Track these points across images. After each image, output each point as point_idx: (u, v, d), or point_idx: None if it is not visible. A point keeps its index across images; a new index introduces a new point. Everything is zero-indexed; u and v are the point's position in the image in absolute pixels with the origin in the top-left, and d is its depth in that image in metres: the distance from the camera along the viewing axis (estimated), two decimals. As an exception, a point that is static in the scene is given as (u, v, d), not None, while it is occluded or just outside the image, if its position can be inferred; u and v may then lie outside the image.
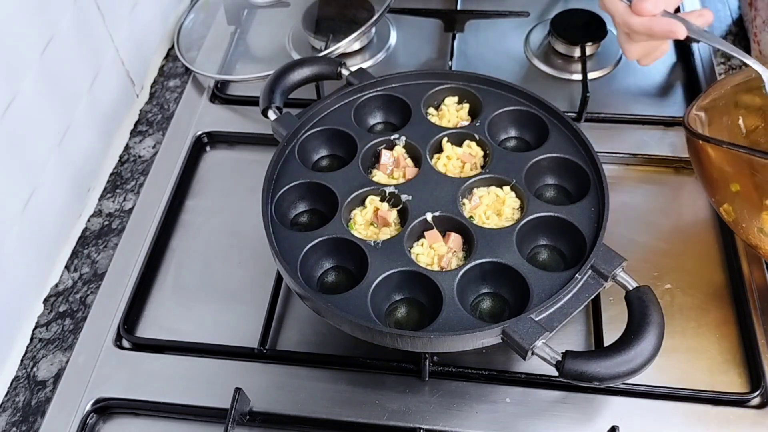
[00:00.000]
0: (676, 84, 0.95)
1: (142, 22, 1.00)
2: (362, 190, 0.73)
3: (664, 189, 0.85)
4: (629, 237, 0.80)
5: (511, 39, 1.03)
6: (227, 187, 0.89)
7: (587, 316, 0.74)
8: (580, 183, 0.73)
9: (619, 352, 0.58)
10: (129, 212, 0.87)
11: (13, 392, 0.73)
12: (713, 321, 0.73)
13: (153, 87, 1.03)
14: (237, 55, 1.04)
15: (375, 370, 0.71)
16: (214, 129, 0.94)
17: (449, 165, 0.76)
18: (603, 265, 0.64)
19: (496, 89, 0.81)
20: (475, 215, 0.71)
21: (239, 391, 0.66)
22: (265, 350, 0.72)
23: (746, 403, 0.67)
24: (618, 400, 0.68)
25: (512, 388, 0.69)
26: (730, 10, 1.07)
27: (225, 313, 0.76)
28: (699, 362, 0.70)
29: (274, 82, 0.82)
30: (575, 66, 0.97)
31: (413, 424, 0.67)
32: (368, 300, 0.64)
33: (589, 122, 0.90)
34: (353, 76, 0.83)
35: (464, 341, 0.61)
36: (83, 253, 0.84)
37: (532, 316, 0.61)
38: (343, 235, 0.69)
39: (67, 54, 0.83)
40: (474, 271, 0.67)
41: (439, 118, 0.81)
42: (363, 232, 0.71)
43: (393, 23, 1.06)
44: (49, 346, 0.76)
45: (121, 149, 0.95)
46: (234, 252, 0.82)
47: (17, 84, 0.73)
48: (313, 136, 0.79)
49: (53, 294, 0.81)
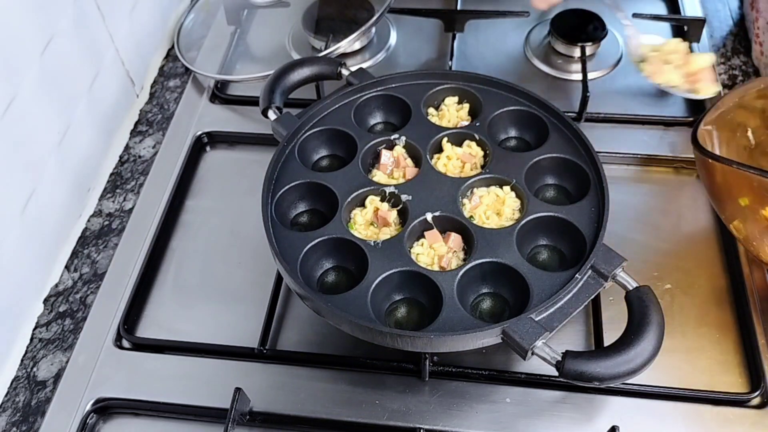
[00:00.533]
0: (676, 84, 0.96)
1: (142, 22, 1.00)
2: (362, 190, 0.73)
3: (664, 189, 0.85)
4: (629, 237, 0.80)
5: (511, 39, 1.03)
6: (227, 187, 0.89)
7: (587, 316, 0.74)
8: (580, 183, 0.73)
9: (619, 352, 0.58)
10: (129, 212, 0.87)
11: (13, 392, 0.73)
12: (713, 321, 0.73)
13: (153, 87, 1.03)
14: (237, 55, 1.04)
15: (375, 370, 0.71)
16: (214, 129, 0.94)
17: (449, 165, 0.76)
18: (603, 265, 0.64)
19: (496, 89, 0.81)
20: (475, 215, 0.71)
21: (239, 391, 0.66)
22: (265, 350, 0.72)
23: (746, 403, 0.67)
24: (618, 400, 0.68)
25: (512, 388, 0.69)
26: (730, 10, 1.07)
27: (225, 313, 0.76)
28: (699, 362, 0.70)
29: (274, 82, 0.82)
30: (575, 66, 0.97)
31: (413, 424, 0.67)
32: (368, 300, 0.64)
33: (589, 122, 0.90)
34: (353, 76, 0.83)
35: (464, 341, 0.61)
36: (83, 253, 0.84)
37: (532, 316, 0.61)
38: (343, 235, 0.69)
39: (67, 54, 0.83)
40: (474, 271, 0.67)
41: (439, 118, 0.81)
42: (363, 232, 0.71)
43: (393, 23, 1.06)
44: (49, 346, 0.76)
45: (121, 149, 0.95)
46: (234, 252, 0.82)
47: (17, 84, 0.73)
48: (313, 136, 0.79)
49: (53, 294, 0.81)
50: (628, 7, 1.02)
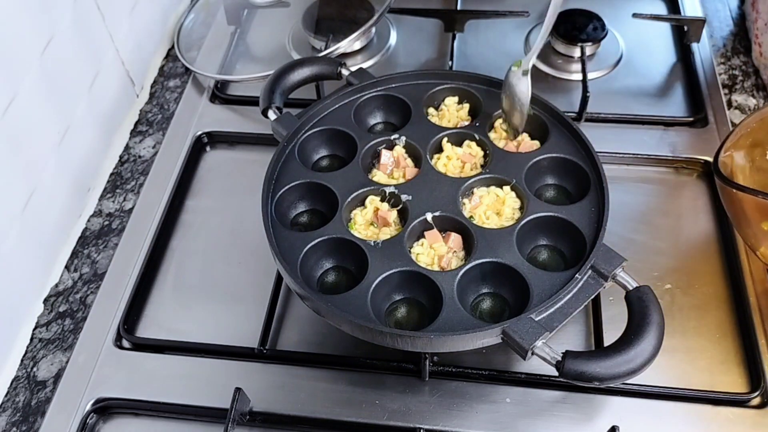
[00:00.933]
0: (676, 84, 0.95)
1: (142, 22, 1.00)
2: (362, 190, 0.73)
3: (664, 189, 0.85)
4: (629, 237, 0.80)
5: (511, 39, 1.03)
6: (227, 187, 0.89)
7: (587, 316, 0.74)
8: (580, 183, 0.73)
9: (619, 352, 0.58)
10: (129, 212, 0.87)
11: (13, 392, 0.73)
12: (713, 321, 0.73)
13: (153, 87, 1.03)
14: (237, 55, 1.04)
15: (375, 370, 0.71)
16: (214, 129, 0.94)
17: (449, 165, 0.76)
18: (603, 265, 0.64)
19: (496, 89, 0.81)
20: (475, 215, 0.71)
21: (239, 391, 0.66)
22: (265, 350, 0.72)
23: (746, 403, 0.67)
24: (618, 400, 0.68)
25: (512, 388, 0.69)
26: (730, 10, 1.07)
27: (225, 313, 0.76)
28: (699, 362, 0.70)
29: (274, 82, 0.82)
30: (575, 66, 0.97)
31: (413, 424, 0.67)
32: (368, 300, 0.64)
33: (589, 122, 0.90)
34: (353, 76, 0.83)
35: (464, 341, 0.61)
36: (83, 253, 0.84)
37: (532, 316, 0.61)
38: (343, 235, 0.69)
39: (67, 54, 0.83)
40: (474, 271, 0.67)
41: (439, 118, 0.81)
42: (363, 232, 0.71)
43: (393, 23, 1.06)
44: (49, 346, 0.76)
45: (121, 149, 0.95)
46: (234, 252, 0.82)
47: (17, 84, 0.73)
48: (313, 136, 0.79)
49: (53, 294, 0.81)
50: (628, 6, 1.03)
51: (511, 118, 0.78)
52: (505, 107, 0.78)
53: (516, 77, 0.76)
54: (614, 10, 1.03)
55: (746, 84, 0.96)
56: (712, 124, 0.89)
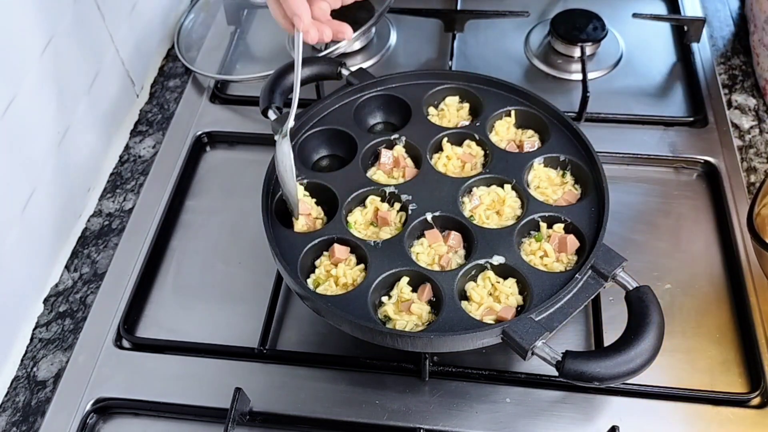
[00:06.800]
0: (676, 84, 0.95)
1: (142, 22, 1.00)
2: (362, 190, 0.73)
3: (664, 189, 0.85)
4: (629, 237, 0.80)
5: (511, 39, 1.03)
6: (227, 187, 0.89)
7: (587, 316, 0.74)
8: (580, 183, 0.73)
9: (619, 352, 0.58)
10: (129, 212, 0.87)
11: (13, 392, 0.73)
12: (713, 321, 0.73)
13: (153, 87, 1.03)
14: (237, 55, 1.04)
15: (375, 370, 0.71)
16: (214, 129, 0.94)
17: (449, 165, 0.76)
18: (603, 265, 0.64)
19: (496, 89, 0.81)
20: (475, 215, 0.71)
21: (239, 391, 0.66)
22: (265, 350, 0.72)
23: (746, 403, 0.67)
24: (618, 400, 0.68)
25: (512, 388, 0.69)
26: (730, 10, 1.07)
27: (225, 313, 0.76)
28: (699, 362, 0.70)
29: (274, 82, 0.82)
30: (575, 66, 0.97)
31: (413, 424, 0.67)
32: (368, 300, 0.64)
33: (589, 122, 0.90)
34: (353, 76, 0.83)
35: (464, 341, 0.61)
36: (83, 253, 0.84)
37: (532, 316, 0.61)
38: (343, 235, 0.69)
39: (67, 54, 0.82)
40: (474, 271, 0.67)
41: (440, 118, 0.81)
42: (363, 232, 0.71)
43: (393, 23, 1.06)
44: (49, 346, 0.76)
45: (121, 149, 0.95)
46: (234, 252, 0.82)
47: (17, 84, 0.73)
48: (313, 136, 0.79)
49: (53, 294, 0.81)
50: (628, 7, 1.03)
51: (287, 193, 0.69)
52: (280, 182, 0.70)
53: (278, 143, 0.69)
54: (614, 10, 1.03)
55: (746, 84, 0.96)
56: (712, 124, 0.89)
